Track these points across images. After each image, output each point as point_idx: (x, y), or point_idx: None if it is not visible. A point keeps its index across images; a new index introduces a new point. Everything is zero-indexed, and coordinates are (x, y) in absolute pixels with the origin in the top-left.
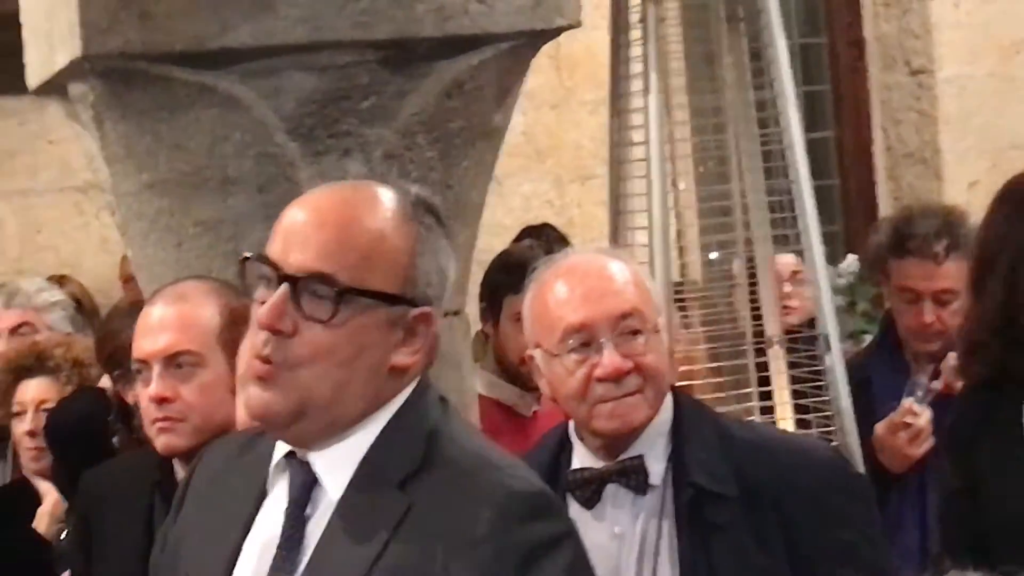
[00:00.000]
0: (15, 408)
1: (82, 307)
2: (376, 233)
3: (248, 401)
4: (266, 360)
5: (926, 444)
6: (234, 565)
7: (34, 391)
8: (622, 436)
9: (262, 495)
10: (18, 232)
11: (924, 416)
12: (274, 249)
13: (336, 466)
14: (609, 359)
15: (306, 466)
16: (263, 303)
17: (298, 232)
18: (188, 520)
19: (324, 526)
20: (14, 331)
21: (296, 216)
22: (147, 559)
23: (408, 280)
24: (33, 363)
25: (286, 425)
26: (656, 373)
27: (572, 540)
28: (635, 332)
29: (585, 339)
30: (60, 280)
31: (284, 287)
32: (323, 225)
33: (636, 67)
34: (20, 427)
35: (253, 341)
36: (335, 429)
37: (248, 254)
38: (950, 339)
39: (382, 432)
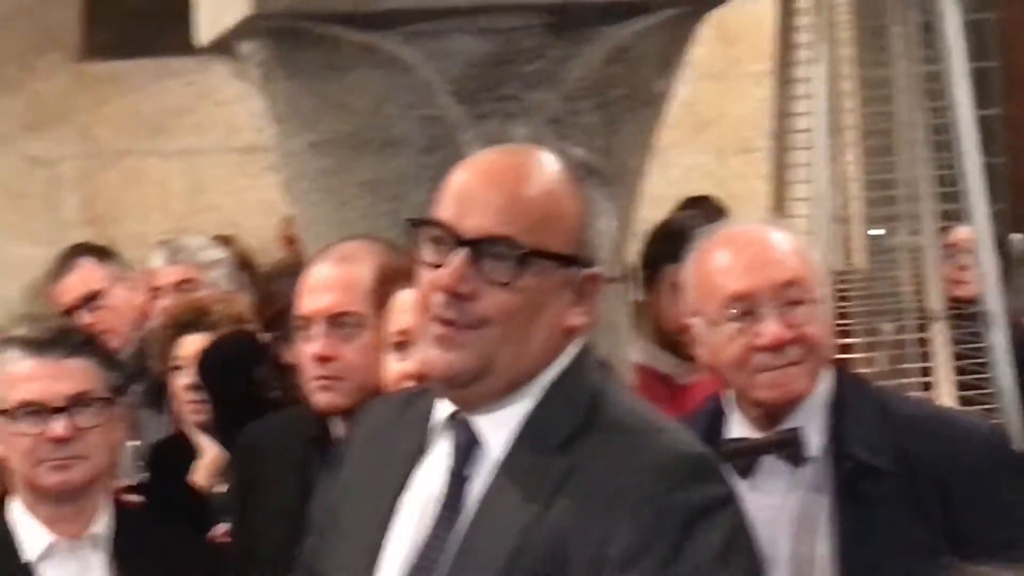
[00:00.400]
0: (176, 363)
1: (244, 266)
2: (550, 195)
3: (430, 362)
4: (448, 323)
5: None
6: (390, 521)
7: (194, 346)
8: (781, 406)
9: (420, 453)
10: (183, 191)
11: None
12: (447, 212)
13: (499, 426)
14: (770, 328)
15: (467, 426)
16: (437, 266)
17: (472, 195)
18: (348, 476)
19: (486, 486)
20: (177, 287)
21: (467, 179)
22: (302, 514)
23: (581, 241)
24: (194, 318)
25: (467, 385)
26: (817, 344)
27: (734, 504)
28: (797, 302)
29: (747, 307)
30: (226, 240)
31: (464, 251)
32: (498, 187)
33: (804, 36)
34: (180, 381)
35: (428, 302)
36: (512, 389)
37: (418, 218)
38: None
39: (546, 394)
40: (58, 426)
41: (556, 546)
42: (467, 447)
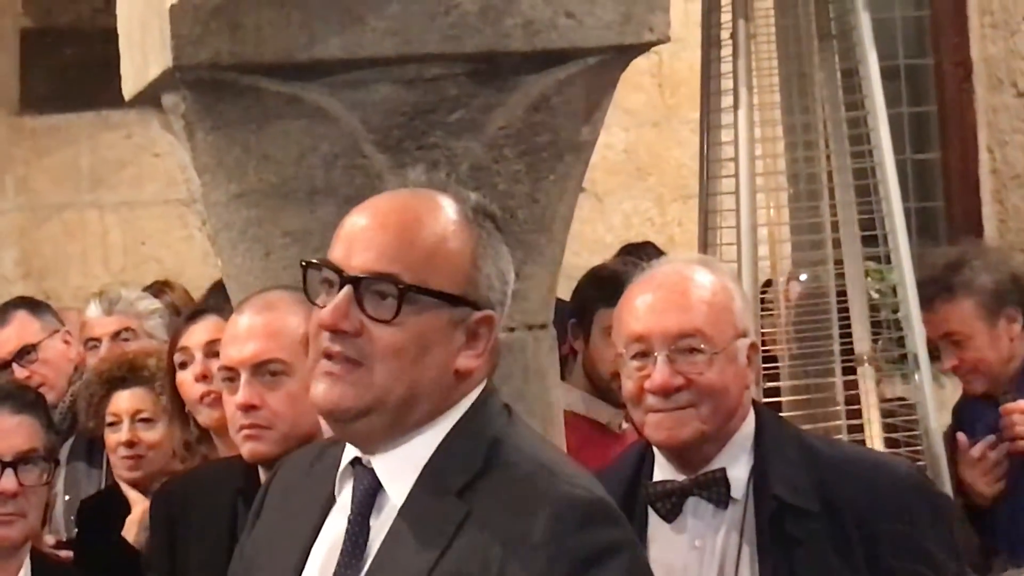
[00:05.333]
0: (110, 419)
1: (180, 314)
2: (438, 235)
3: (317, 396)
4: (335, 357)
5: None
6: (302, 569)
7: (128, 402)
8: (673, 448)
9: (330, 501)
10: (123, 242)
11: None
12: (336, 254)
13: (399, 472)
14: (659, 373)
15: (371, 472)
16: (324, 307)
17: (360, 235)
18: (263, 529)
19: (386, 532)
20: (114, 337)
21: (357, 221)
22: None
23: (470, 282)
24: (126, 373)
25: (353, 420)
26: (713, 391)
27: (630, 549)
28: (694, 350)
29: (642, 349)
30: (164, 284)
31: (347, 288)
32: (385, 228)
33: (727, 83)
34: (115, 437)
35: (316, 341)
36: (401, 429)
37: (309, 260)
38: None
39: (445, 438)
40: (8, 481)
41: None
42: (373, 492)
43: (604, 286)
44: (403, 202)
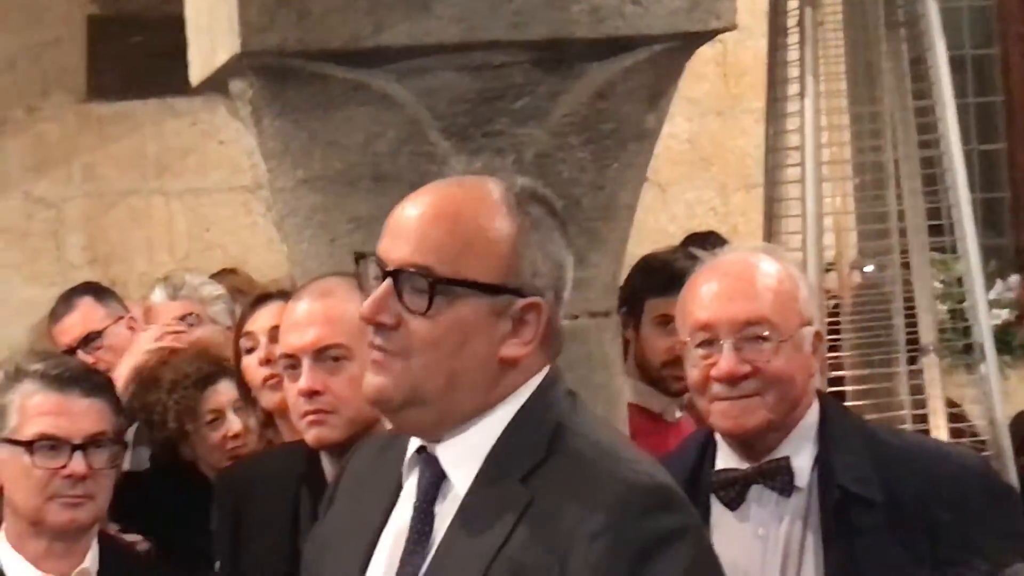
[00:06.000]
0: (210, 416)
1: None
2: (476, 224)
3: (365, 386)
4: (378, 348)
5: None
6: (369, 559)
7: (226, 395)
8: (739, 436)
9: (398, 489)
10: (187, 229)
11: None
12: (382, 245)
13: (462, 460)
14: (725, 361)
15: (434, 461)
16: None
17: (402, 227)
18: (335, 516)
19: (450, 521)
20: (179, 321)
21: (402, 212)
22: (293, 550)
23: (511, 270)
24: (214, 368)
25: (397, 410)
26: (779, 379)
27: (693, 535)
28: (761, 338)
29: (708, 337)
30: (231, 272)
31: (387, 281)
32: (424, 219)
33: (793, 71)
34: (218, 432)
35: (366, 334)
36: (452, 419)
37: (361, 252)
38: None
39: (508, 426)
40: (78, 464)
41: None
42: (437, 481)
43: (654, 275)
44: (447, 192)
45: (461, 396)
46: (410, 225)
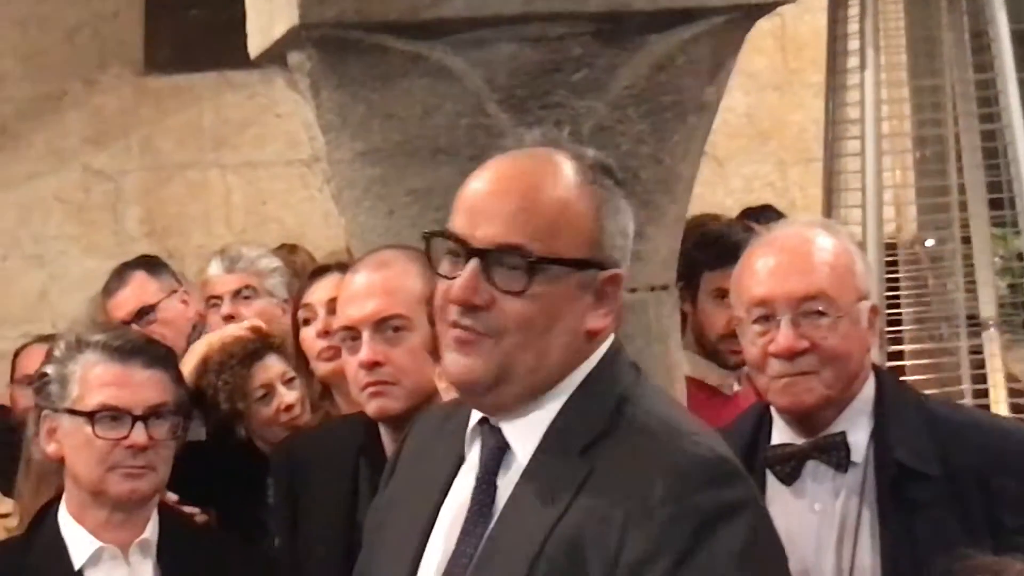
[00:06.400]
0: (260, 392)
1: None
2: (560, 199)
3: (449, 367)
4: (466, 328)
5: None
6: (431, 529)
7: (275, 370)
8: (797, 412)
9: (460, 460)
10: (244, 203)
11: None
12: (459, 223)
13: (525, 432)
14: (783, 336)
15: (497, 432)
16: (452, 278)
17: (482, 204)
18: (396, 486)
19: (512, 491)
20: (236, 294)
21: (478, 188)
22: (352, 521)
23: (595, 243)
24: (259, 345)
25: (485, 391)
26: (837, 356)
27: (753, 509)
28: (818, 313)
29: (765, 313)
30: (291, 249)
31: (474, 262)
32: (507, 195)
33: (853, 43)
34: (269, 408)
35: (445, 313)
36: (533, 395)
37: (431, 230)
38: None
39: (571, 397)
40: (139, 434)
41: (574, 549)
42: (499, 452)
43: (710, 248)
44: (523, 166)
45: (547, 373)
46: (493, 202)
